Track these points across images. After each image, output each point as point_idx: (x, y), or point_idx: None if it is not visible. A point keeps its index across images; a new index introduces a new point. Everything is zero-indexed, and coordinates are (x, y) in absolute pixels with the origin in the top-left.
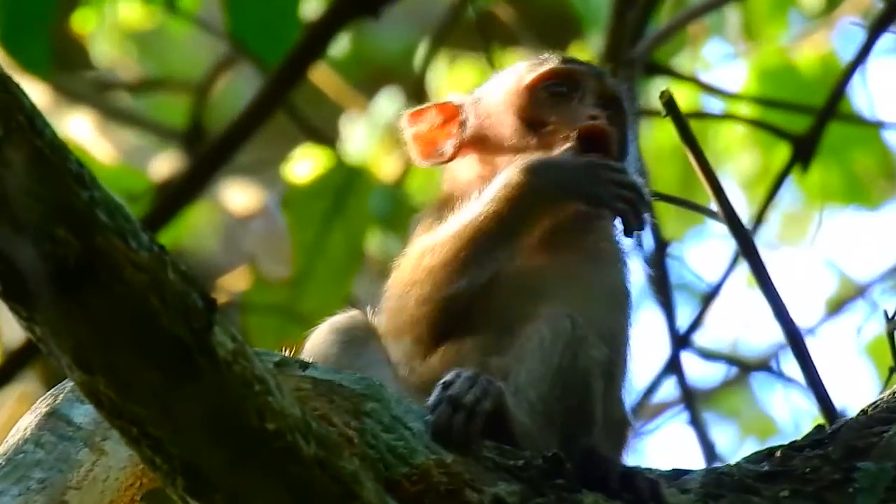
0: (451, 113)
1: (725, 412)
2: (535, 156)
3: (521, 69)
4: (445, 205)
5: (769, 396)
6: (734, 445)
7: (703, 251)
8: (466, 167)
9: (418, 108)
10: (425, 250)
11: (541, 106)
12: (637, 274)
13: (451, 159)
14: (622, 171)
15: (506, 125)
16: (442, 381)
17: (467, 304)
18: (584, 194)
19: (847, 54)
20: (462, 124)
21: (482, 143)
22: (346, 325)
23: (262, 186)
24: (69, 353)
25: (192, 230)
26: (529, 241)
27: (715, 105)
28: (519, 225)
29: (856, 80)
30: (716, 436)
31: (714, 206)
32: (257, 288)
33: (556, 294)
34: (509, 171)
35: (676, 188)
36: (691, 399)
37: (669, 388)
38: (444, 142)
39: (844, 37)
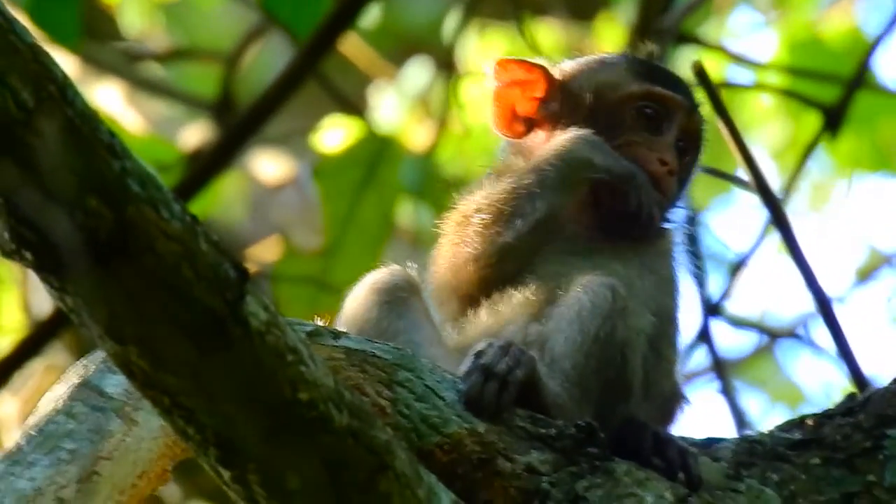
0: (538, 77)
1: (755, 381)
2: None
3: (619, 67)
4: (499, 177)
5: (799, 365)
6: (764, 414)
7: (732, 220)
8: (531, 144)
9: (509, 58)
10: (471, 211)
11: (625, 118)
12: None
13: (522, 136)
14: (656, 197)
15: (585, 123)
16: (474, 350)
17: (514, 264)
18: (618, 174)
19: (874, 21)
20: (545, 101)
21: (554, 129)
22: (388, 285)
23: (293, 157)
24: (101, 324)
25: (223, 201)
26: (578, 213)
27: (743, 75)
28: (559, 186)
29: (883, 50)
30: (746, 405)
31: (744, 174)
32: (288, 259)
33: (602, 266)
34: (562, 136)
35: (707, 157)
36: (721, 368)
37: (700, 358)
38: (522, 108)
39: (872, 4)
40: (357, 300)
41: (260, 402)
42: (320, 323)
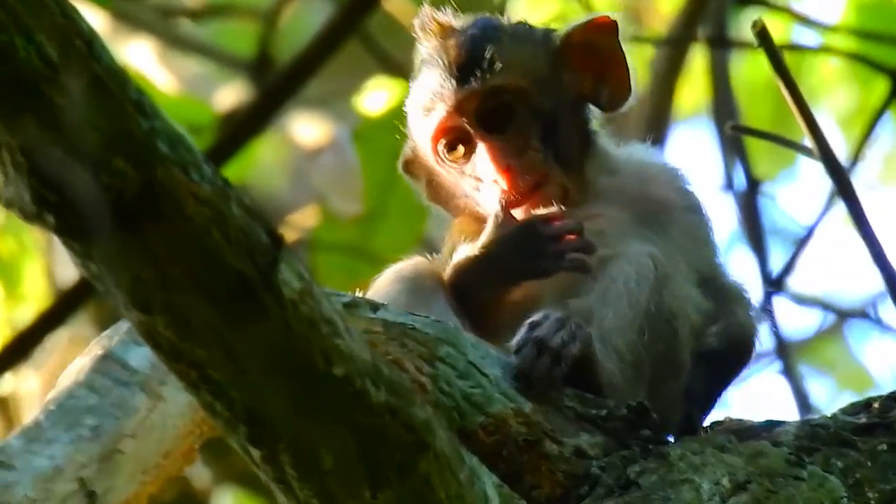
0: None
1: (820, 363)
2: (459, 259)
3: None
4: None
5: (867, 347)
6: (830, 400)
7: (797, 191)
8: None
9: None
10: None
11: (446, 158)
12: (721, 217)
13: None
14: (556, 224)
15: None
16: (529, 320)
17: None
18: (528, 276)
19: None
20: None
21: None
22: (412, 274)
23: (333, 119)
24: (126, 292)
25: (259, 165)
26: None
27: (809, 37)
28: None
29: None
30: (810, 388)
31: (809, 142)
32: (327, 225)
33: (632, 235)
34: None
35: (769, 124)
36: (784, 348)
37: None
38: None
39: None
40: (381, 289)
41: (292, 377)
42: (358, 294)
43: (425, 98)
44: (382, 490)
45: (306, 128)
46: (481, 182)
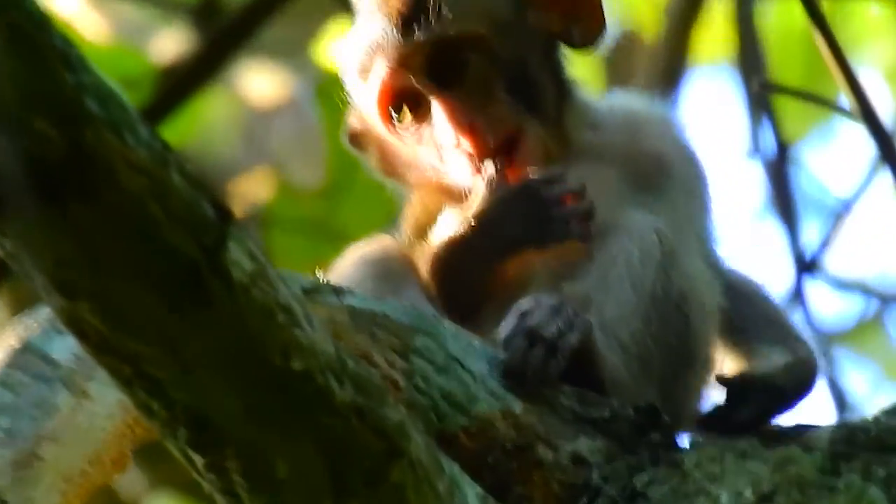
0: None
1: (860, 354)
2: (447, 234)
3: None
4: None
5: None
6: (871, 394)
7: (834, 157)
8: None
9: None
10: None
11: (397, 124)
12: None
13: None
14: (558, 185)
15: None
16: (519, 309)
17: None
18: (531, 244)
19: None
20: None
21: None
22: (380, 256)
23: (291, 72)
24: (47, 274)
25: (204, 126)
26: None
27: None
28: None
29: None
30: (849, 382)
31: (848, 101)
32: (284, 197)
33: (628, 202)
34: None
35: (802, 79)
36: (819, 337)
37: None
38: None
39: None
40: (344, 274)
41: (243, 373)
42: (320, 277)
43: (363, 56)
44: (348, 503)
45: (260, 82)
46: (443, 148)
